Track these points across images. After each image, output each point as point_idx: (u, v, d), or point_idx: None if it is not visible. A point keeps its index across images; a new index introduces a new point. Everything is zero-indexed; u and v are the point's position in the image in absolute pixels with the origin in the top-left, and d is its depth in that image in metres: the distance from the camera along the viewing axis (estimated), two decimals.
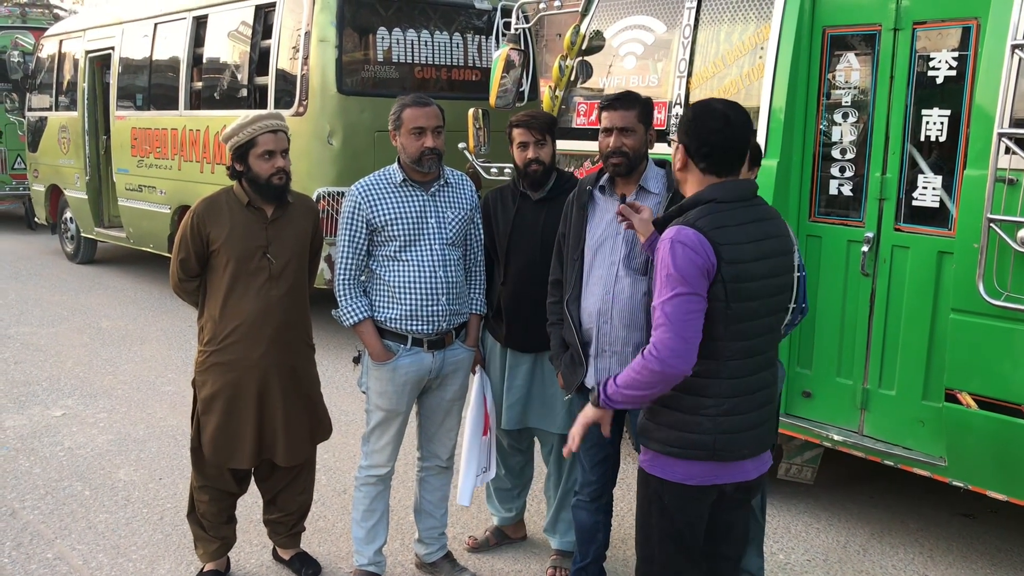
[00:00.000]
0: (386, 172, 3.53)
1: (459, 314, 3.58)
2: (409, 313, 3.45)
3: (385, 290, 3.47)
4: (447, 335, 3.56)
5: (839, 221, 4.21)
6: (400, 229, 3.44)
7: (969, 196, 3.59)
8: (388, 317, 3.47)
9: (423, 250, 3.46)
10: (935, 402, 3.87)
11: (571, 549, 3.75)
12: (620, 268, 3.24)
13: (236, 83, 8.00)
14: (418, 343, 3.50)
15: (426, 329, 3.48)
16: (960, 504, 4.58)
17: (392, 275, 3.45)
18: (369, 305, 3.50)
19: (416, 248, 3.45)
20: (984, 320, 3.57)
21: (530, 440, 4.03)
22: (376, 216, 3.43)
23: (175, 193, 8.70)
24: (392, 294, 3.45)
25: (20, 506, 4.44)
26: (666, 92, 4.75)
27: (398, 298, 3.44)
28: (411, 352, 3.50)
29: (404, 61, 7.48)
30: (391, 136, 3.50)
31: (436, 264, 3.46)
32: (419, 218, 3.47)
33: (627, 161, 3.22)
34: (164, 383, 6.43)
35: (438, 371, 3.57)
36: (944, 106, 3.82)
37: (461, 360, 3.66)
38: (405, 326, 3.47)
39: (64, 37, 10.98)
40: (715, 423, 2.43)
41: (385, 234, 3.44)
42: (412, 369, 3.51)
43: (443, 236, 3.50)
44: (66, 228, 11.36)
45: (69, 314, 8.48)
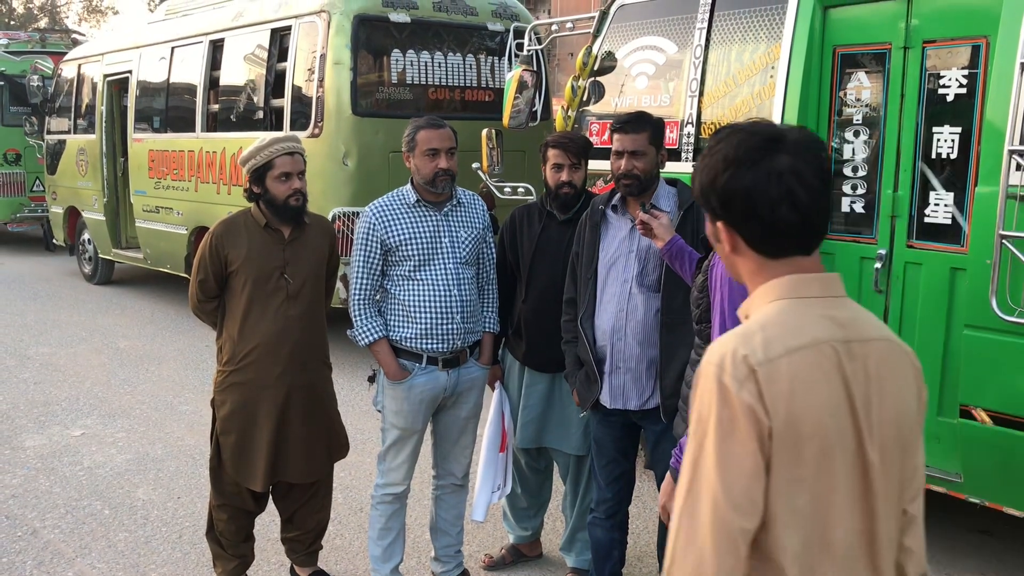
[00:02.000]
0: (399, 193, 3.58)
1: (473, 332, 3.62)
2: (424, 332, 3.49)
3: (400, 309, 3.51)
4: (462, 353, 3.60)
5: (851, 238, 4.22)
6: (414, 249, 3.48)
7: (981, 213, 3.61)
8: (403, 336, 3.51)
9: (437, 269, 3.50)
10: (950, 418, 3.87)
11: (587, 567, 3.77)
12: (633, 286, 3.28)
13: (252, 105, 8.10)
14: (433, 362, 3.53)
15: (441, 348, 3.51)
16: (977, 520, 4.56)
17: (407, 294, 3.49)
18: (384, 324, 3.54)
19: (430, 267, 3.49)
20: (998, 336, 3.58)
21: (548, 460, 4.05)
22: (390, 236, 3.47)
23: (192, 214, 8.79)
24: (407, 313, 3.49)
25: (41, 525, 4.48)
26: (678, 112, 4.79)
27: (413, 317, 3.48)
28: (426, 371, 3.53)
29: (418, 83, 7.55)
30: (404, 158, 3.55)
31: (450, 283, 3.50)
32: (433, 238, 3.51)
33: (638, 183, 3.27)
34: (181, 403, 6.48)
35: (453, 389, 3.60)
36: (955, 123, 3.84)
37: (476, 378, 3.69)
38: (420, 345, 3.50)
39: (83, 61, 11.13)
40: None
41: (399, 254, 3.48)
42: (427, 387, 3.54)
43: (457, 255, 3.54)
44: (84, 249, 11.48)
45: (87, 334, 8.56)
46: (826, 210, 1.54)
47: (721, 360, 1.45)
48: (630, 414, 3.36)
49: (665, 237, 3.03)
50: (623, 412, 3.36)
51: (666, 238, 3.03)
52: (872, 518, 1.51)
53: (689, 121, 4.72)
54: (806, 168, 1.50)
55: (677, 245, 3.03)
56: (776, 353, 1.44)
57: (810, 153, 1.51)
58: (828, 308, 1.52)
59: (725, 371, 1.44)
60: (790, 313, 1.50)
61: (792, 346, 1.45)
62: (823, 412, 1.45)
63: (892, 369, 1.52)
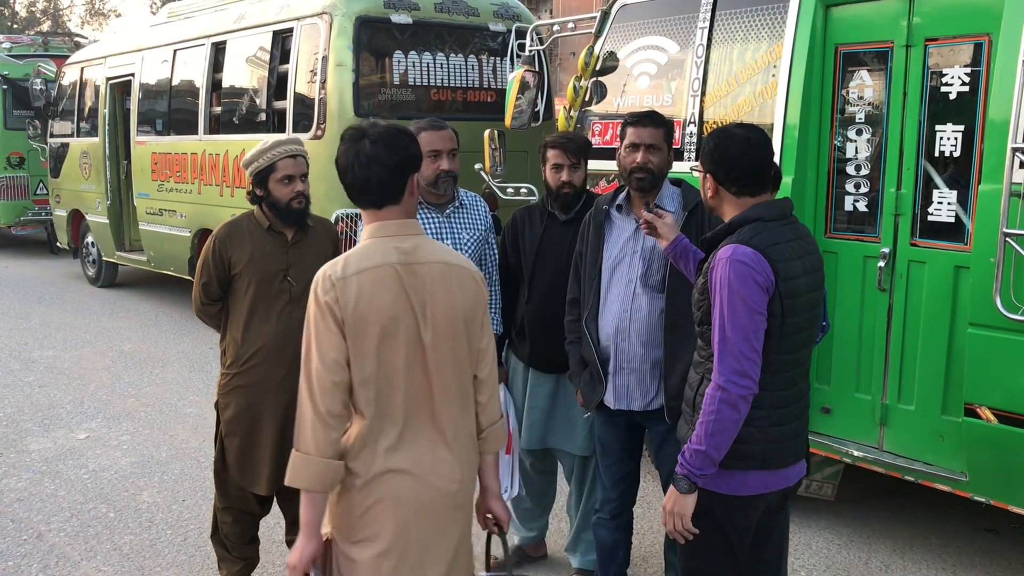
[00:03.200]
0: None
1: None
2: None
3: None
4: None
5: (855, 237, 4.22)
6: None
7: (984, 211, 3.60)
8: None
9: None
10: (955, 416, 3.86)
11: (592, 568, 3.77)
12: (637, 286, 3.27)
13: (255, 108, 8.11)
14: None
15: None
16: (983, 519, 4.55)
17: None
18: None
19: None
20: (1002, 334, 3.57)
21: (553, 462, 4.04)
22: None
23: (195, 217, 8.80)
24: None
25: (46, 528, 4.49)
26: (680, 111, 4.79)
27: None
28: None
29: (420, 84, 7.55)
30: None
31: None
32: (435, 240, 3.50)
33: (651, 177, 3.25)
34: (186, 405, 6.49)
35: None
36: (958, 121, 3.84)
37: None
38: None
39: (85, 64, 11.15)
40: (766, 434, 2.47)
41: None
42: None
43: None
44: (88, 252, 11.50)
45: (92, 337, 8.57)
46: (377, 176, 2.26)
47: (318, 277, 2.26)
48: (634, 415, 3.36)
49: (670, 236, 3.03)
50: (627, 413, 3.35)
51: (671, 237, 3.03)
52: (429, 380, 2.27)
53: (691, 120, 4.72)
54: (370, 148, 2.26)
55: (682, 245, 3.03)
56: (350, 272, 2.23)
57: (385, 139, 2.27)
58: (398, 242, 2.28)
59: (319, 285, 2.24)
60: (368, 247, 2.29)
61: (363, 267, 2.24)
62: (383, 310, 2.22)
63: (444, 281, 2.28)
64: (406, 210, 2.33)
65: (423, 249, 2.29)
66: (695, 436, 2.42)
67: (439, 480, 2.27)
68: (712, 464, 2.42)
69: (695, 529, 2.49)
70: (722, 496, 2.50)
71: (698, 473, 2.43)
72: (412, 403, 2.26)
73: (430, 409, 2.27)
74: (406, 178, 2.31)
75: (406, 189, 2.31)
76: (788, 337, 2.45)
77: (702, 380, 2.52)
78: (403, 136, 2.31)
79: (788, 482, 2.57)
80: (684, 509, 2.47)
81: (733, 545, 2.55)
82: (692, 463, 2.43)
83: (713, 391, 2.40)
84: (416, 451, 2.26)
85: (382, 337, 2.22)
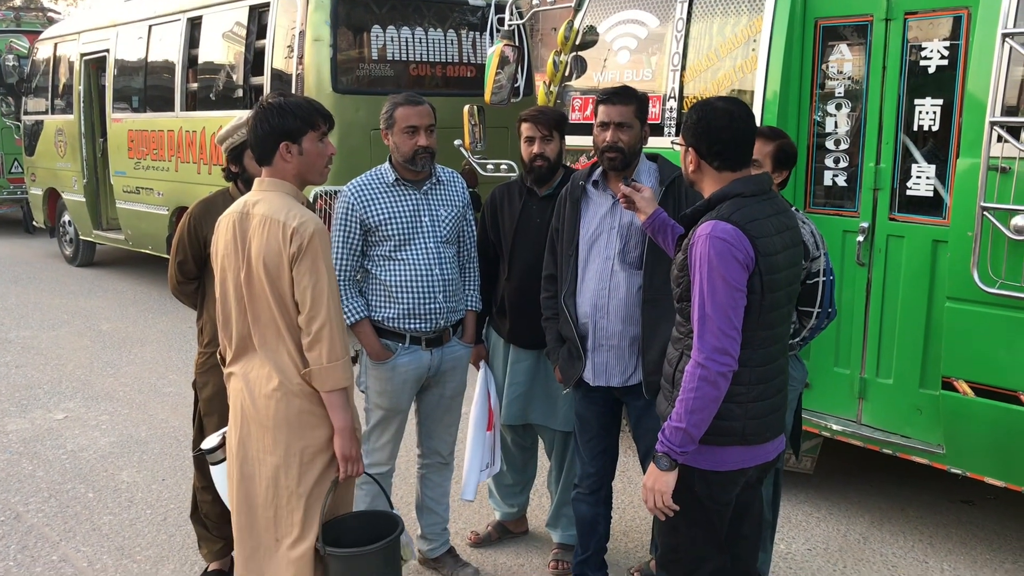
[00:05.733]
0: (378, 172, 3.54)
1: (456, 311, 3.60)
2: (407, 312, 3.46)
3: (382, 289, 3.49)
4: (445, 332, 3.58)
5: (834, 212, 4.22)
6: (394, 229, 3.45)
7: (962, 185, 3.61)
8: (385, 316, 3.49)
9: (418, 249, 3.47)
10: (932, 390, 3.89)
11: (573, 543, 3.78)
12: (615, 263, 3.26)
13: (231, 83, 8.01)
14: (416, 341, 3.52)
15: (424, 327, 3.50)
16: (959, 491, 4.60)
17: (388, 274, 3.46)
18: (366, 305, 3.51)
19: (411, 247, 3.46)
20: (979, 308, 3.59)
21: (534, 437, 4.05)
22: (370, 216, 3.44)
23: (173, 195, 8.71)
24: (389, 293, 3.47)
25: (24, 509, 4.46)
26: (660, 86, 4.76)
27: (395, 297, 3.46)
28: (409, 350, 3.52)
29: (399, 59, 7.48)
30: (383, 135, 3.51)
31: (432, 262, 3.48)
32: (413, 217, 3.48)
33: (623, 156, 3.23)
34: (165, 384, 6.45)
35: (437, 368, 3.58)
36: (936, 95, 3.84)
37: (459, 357, 3.67)
38: (403, 325, 3.48)
39: (59, 40, 10.97)
40: (745, 410, 2.47)
41: (380, 234, 3.45)
42: (411, 367, 3.53)
43: (437, 234, 3.51)
44: (64, 231, 11.38)
45: (69, 317, 8.50)
46: (251, 140, 2.72)
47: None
48: (613, 390, 3.36)
49: (648, 210, 3.01)
50: (606, 389, 3.35)
51: (648, 211, 3.01)
52: (245, 311, 2.71)
53: (672, 95, 4.70)
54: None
55: (660, 218, 3.01)
56: (221, 218, 2.77)
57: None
58: (251, 196, 2.72)
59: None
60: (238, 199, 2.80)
61: (223, 214, 2.77)
62: (223, 252, 2.73)
63: (259, 230, 2.63)
64: (278, 171, 2.70)
65: (261, 204, 2.67)
66: (675, 413, 2.42)
67: (257, 381, 2.71)
68: (692, 441, 2.42)
69: (675, 506, 2.49)
70: (702, 472, 2.50)
71: (678, 450, 2.43)
72: (243, 335, 2.73)
73: (254, 334, 2.71)
74: (276, 144, 2.66)
75: (276, 154, 2.68)
76: (767, 313, 2.45)
77: (681, 356, 2.52)
78: (277, 109, 2.66)
79: (767, 457, 2.58)
80: (664, 486, 2.47)
81: (713, 520, 2.56)
82: (672, 440, 2.42)
83: (693, 368, 2.39)
84: (246, 364, 2.76)
85: (222, 272, 2.74)
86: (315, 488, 2.72)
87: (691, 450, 2.43)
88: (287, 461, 2.70)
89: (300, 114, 2.69)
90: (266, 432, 2.70)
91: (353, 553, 2.71)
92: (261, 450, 2.73)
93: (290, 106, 2.69)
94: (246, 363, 2.75)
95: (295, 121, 2.68)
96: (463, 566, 3.82)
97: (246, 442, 2.77)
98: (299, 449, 2.70)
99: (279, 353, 2.68)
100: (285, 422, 2.68)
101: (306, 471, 2.71)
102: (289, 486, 2.71)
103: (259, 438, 2.73)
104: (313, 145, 2.73)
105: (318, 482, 2.73)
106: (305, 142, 2.71)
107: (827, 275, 3.26)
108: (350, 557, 2.71)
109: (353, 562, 2.71)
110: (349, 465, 2.73)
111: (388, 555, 2.77)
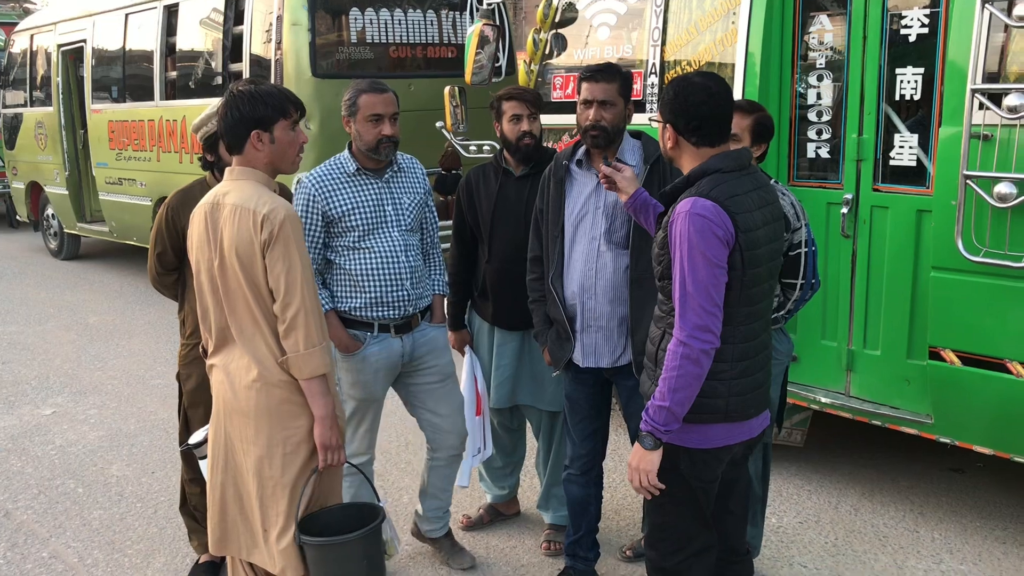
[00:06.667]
0: (337, 161, 3.45)
1: (423, 297, 3.54)
2: (374, 300, 3.41)
3: (347, 280, 3.42)
4: (413, 318, 3.52)
5: (818, 184, 4.21)
6: (358, 220, 3.37)
7: (945, 153, 3.59)
8: (352, 306, 3.43)
9: (383, 238, 3.40)
10: (920, 360, 3.89)
11: (564, 523, 3.78)
12: (601, 243, 3.24)
13: (210, 71, 7.93)
14: (385, 329, 3.46)
15: (392, 315, 3.44)
16: (948, 460, 4.61)
17: (353, 264, 3.40)
18: (330, 296, 3.44)
19: (376, 236, 3.39)
20: (964, 277, 3.58)
21: (521, 419, 4.03)
22: (332, 208, 3.36)
23: (155, 185, 8.64)
24: (355, 283, 3.41)
25: (13, 506, 4.43)
26: (641, 62, 4.73)
27: (361, 287, 3.40)
28: (379, 339, 3.47)
29: (378, 41, 7.41)
30: (344, 122, 3.42)
31: (397, 250, 3.42)
32: (376, 207, 3.41)
33: (606, 135, 3.20)
34: (153, 376, 6.42)
35: (411, 354, 3.53)
36: (918, 64, 3.81)
37: (432, 338, 3.60)
38: (371, 313, 3.43)
39: (35, 31, 10.85)
40: (728, 387, 2.46)
41: (342, 225, 3.37)
42: (383, 356, 3.48)
43: (401, 223, 3.44)
44: (48, 225, 11.29)
45: (56, 311, 8.44)
46: (222, 129, 2.70)
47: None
48: (603, 371, 3.34)
49: (629, 190, 2.98)
50: (595, 370, 3.34)
51: (630, 191, 2.98)
52: (220, 302, 2.69)
53: (652, 71, 4.66)
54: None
55: (641, 198, 2.99)
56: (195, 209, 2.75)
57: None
58: (222, 187, 2.70)
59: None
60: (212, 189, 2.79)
61: (197, 205, 2.75)
62: (197, 244, 2.71)
63: (230, 219, 2.61)
64: (249, 160, 2.68)
65: (232, 194, 2.65)
66: (658, 392, 2.40)
67: (238, 372, 2.71)
68: (676, 420, 2.41)
69: (661, 485, 2.48)
70: (687, 450, 2.49)
71: (662, 429, 2.41)
72: (219, 319, 2.72)
73: (232, 325, 2.70)
74: (247, 133, 2.64)
75: (247, 142, 2.65)
76: (749, 289, 2.43)
77: (663, 335, 2.50)
78: (248, 97, 2.64)
79: (752, 433, 2.57)
80: (650, 465, 2.46)
81: (699, 498, 2.56)
82: (656, 419, 2.41)
83: (675, 347, 2.38)
84: (226, 355, 2.75)
85: (197, 264, 2.73)
86: (299, 478, 2.71)
87: (675, 429, 2.42)
88: (270, 452, 2.68)
89: (271, 102, 2.65)
90: (248, 423, 2.69)
91: (329, 542, 2.68)
92: (244, 440, 2.72)
93: (261, 94, 2.66)
94: (226, 354, 2.74)
95: (266, 109, 2.64)
96: (459, 552, 3.79)
97: (230, 434, 2.75)
98: (281, 439, 2.68)
99: (257, 343, 2.66)
100: (266, 412, 2.67)
101: (289, 461, 2.69)
102: (273, 476, 2.70)
103: (242, 429, 2.71)
104: (285, 133, 2.68)
105: (302, 472, 2.71)
106: (277, 130, 2.67)
107: (809, 246, 3.24)
108: (326, 546, 2.68)
109: (329, 551, 2.68)
110: (329, 454, 2.70)
111: (368, 546, 2.74)
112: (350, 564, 2.71)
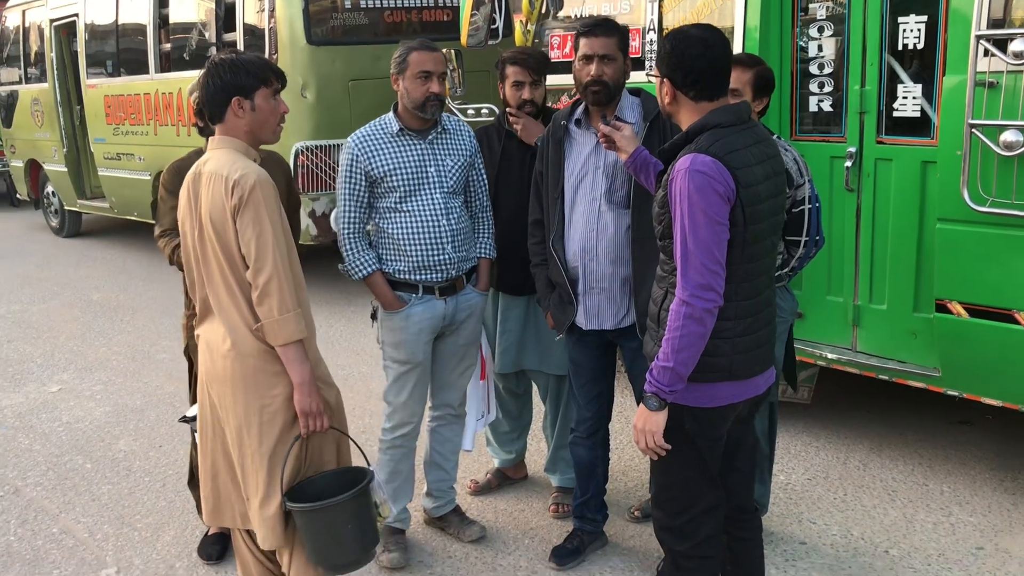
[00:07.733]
0: (382, 122, 3.44)
1: (468, 260, 3.51)
2: (417, 265, 3.39)
3: (391, 243, 3.41)
4: (458, 280, 3.50)
5: (821, 138, 4.15)
6: (399, 180, 3.35)
7: (950, 103, 3.53)
8: (397, 269, 3.42)
9: (424, 200, 3.38)
10: (926, 313, 3.86)
11: (572, 486, 3.77)
12: (602, 203, 3.20)
13: (204, 42, 7.85)
14: (430, 291, 3.45)
15: (436, 278, 3.43)
16: (956, 412, 4.60)
17: (395, 228, 3.38)
18: (376, 258, 3.43)
19: (417, 198, 3.37)
20: (970, 228, 3.54)
21: (527, 384, 4.02)
22: (374, 167, 3.35)
23: (154, 159, 8.59)
24: (398, 247, 3.39)
25: (23, 483, 4.45)
26: (639, 18, 4.65)
27: (404, 251, 3.38)
28: (423, 300, 3.44)
29: (372, 6, 7.32)
30: (392, 80, 3.38)
31: (439, 213, 3.39)
32: (418, 168, 3.38)
33: (607, 90, 3.14)
34: (158, 351, 6.42)
35: (452, 317, 3.50)
36: (920, 12, 3.74)
37: (474, 305, 3.58)
38: (415, 276, 3.41)
39: (27, 7, 10.74)
40: (732, 345, 2.43)
41: (384, 185, 3.36)
42: (426, 316, 3.46)
43: (443, 185, 3.41)
44: (49, 203, 11.26)
45: (59, 289, 8.44)
46: (203, 97, 2.69)
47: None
48: (606, 333, 3.32)
49: (628, 149, 2.94)
50: (599, 332, 3.31)
51: (629, 150, 2.93)
52: (199, 268, 2.69)
53: (651, 27, 4.59)
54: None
55: (641, 157, 2.94)
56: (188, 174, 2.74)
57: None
58: (204, 157, 2.70)
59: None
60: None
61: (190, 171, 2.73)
62: (182, 215, 2.71)
63: (206, 187, 2.60)
64: (230, 128, 2.67)
65: (210, 162, 2.64)
66: (662, 353, 2.38)
67: (215, 342, 2.71)
68: (680, 380, 2.38)
69: (667, 445, 2.46)
70: (692, 409, 2.47)
71: (667, 389, 2.39)
72: (202, 290, 2.71)
73: (210, 295, 2.69)
74: (227, 100, 2.62)
75: (228, 110, 2.64)
76: (751, 245, 2.39)
77: (666, 295, 2.47)
78: (229, 65, 2.63)
79: (757, 391, 2.55)
80: (655, 426, 2.44)
81: (705, 457, 2.54)
82: (660, 380, 2.39)
83: (677, 306, 2.34)
84: (208, 325, 2.75)
85: (183, 236, 2.73)
86: (278, 447, 2.68)
87: (680, 389, 2.40)
88: (248, 421, 2.67)
89: (252, 70, 2.63)
90: (227, 392, 2.68)
91: (315, 507, 2.66)
92: (224, 409, 2.72)
93: (242, 62, 2.64)
94: (208, 325, 2.74)
95: (247, 77, 2.63)
96: (469, 524, 3.78)
97: (215, 403, 2.76)
98: (258, 408, 2.66)
99: (231, 313, 2.65)
100: (242, 382, 2.65)
101: (267, 431, 2.67)
102: (251, 445, 2.68)
103: (222, 398, 2.71)
104: (266, 102, 2.66)
105: (280, 440, 2.69)
106: (257, 98, 2.64)
107: (813, 202, 3.20)
108: (315, 511, 2.66)
109: (317, 516, 2.66)
110: (311, 420, 2.68)
111: (357, 508, 2.72)
112: (339, 528, 2.70)
